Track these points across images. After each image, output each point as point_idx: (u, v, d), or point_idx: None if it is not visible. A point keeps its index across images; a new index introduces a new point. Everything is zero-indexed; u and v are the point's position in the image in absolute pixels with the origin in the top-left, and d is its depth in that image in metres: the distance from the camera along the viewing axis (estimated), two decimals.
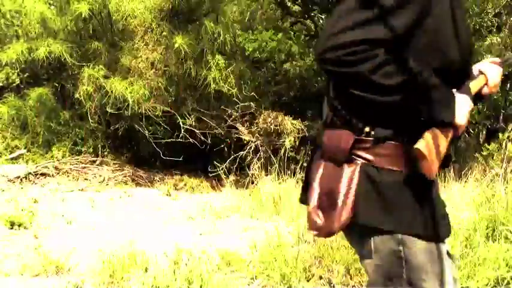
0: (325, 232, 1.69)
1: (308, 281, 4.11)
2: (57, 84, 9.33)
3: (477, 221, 4.75)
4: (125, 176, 8.43)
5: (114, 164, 8.63)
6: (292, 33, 8.63)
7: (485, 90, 1.80)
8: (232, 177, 8.27)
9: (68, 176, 8.11)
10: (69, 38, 8.88)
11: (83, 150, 8.90)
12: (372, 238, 1.65)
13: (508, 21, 7.23)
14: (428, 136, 1.58)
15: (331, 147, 1.65)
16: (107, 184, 8.07)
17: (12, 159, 8.50)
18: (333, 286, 4.06)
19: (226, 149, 9.31)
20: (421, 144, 1.56)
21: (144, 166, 9.23)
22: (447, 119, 1.60)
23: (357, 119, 1.60)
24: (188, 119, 8.96)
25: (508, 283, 3.76)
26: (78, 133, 9.11)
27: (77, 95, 8.50)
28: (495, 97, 7.60)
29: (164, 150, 9.06)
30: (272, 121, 8.75)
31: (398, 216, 1.61)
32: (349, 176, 1.62)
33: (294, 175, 7.49)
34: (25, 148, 8.86)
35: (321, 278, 4.15)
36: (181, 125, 8.85)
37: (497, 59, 1.98)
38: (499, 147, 6.83)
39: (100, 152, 8.87)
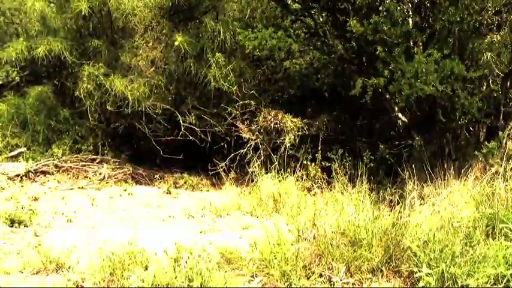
0: None
1: (308, 278, 4.12)
2: (57, 82, 9.32)
3: (477, 219, 4.76)
4: (125, 174, 8.43)
5: (114, 162, 8.62)
6: (292, 31, 8.60)
7: None
8: (232, 175, 8.27)
9: (68, 174, 8.10)
10: (69, 36, 8.86)
11: (83, 148, 8.89)
12: None
13: (508, 19, 7.21)
14: None
15: None
16: (107, 182, 8.07)
17: (12, 157, 8.50)
18: (333, 284, 4.06)
19: (226, 147, 9.30)
20: None
21: (144, 164, 9.22)
22: None
23: None
24: (188, 117, 8.95)
25: (508, 281, 3.76)
26: (78, 131, 9.10)
27: (76, 93, 8.50)
28: (495, 95, 7.59)
29: (164, 148, 9.05)
30: (272, 119, 8.74)
31: None
32: None
33: (293, 173, 7.49)
34: (25, 146, 8.86)
35: (321, 275, 4.16)
36: (181, 123, 8.85)
37: None
38: (499, 145, 6.82)
39: (100, 150, 8.86)
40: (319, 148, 8.36)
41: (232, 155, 8.74)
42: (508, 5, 7.14)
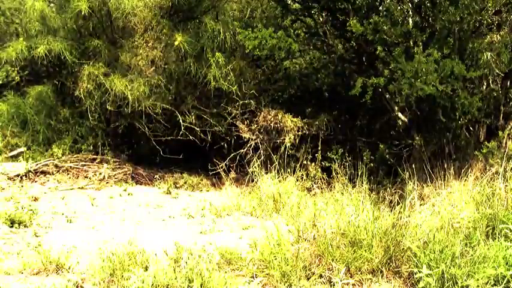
0: None
1: (308, 279, 4.12)
2: (57, 82, 9.32)
3: (477, 219, 4.76)
4: (125, 174, 8.43)
5: (114, 161, 8.62)
6: (292, 31, 8.61)
7: None
8: (232, 175, 8.27)
9: (68, 174, 8.10)
10: (69, 35, 8.85)
11: (83, 148, 8.89)
12: None
13: (508, 18, 7.22)
14: None
15: None
16: (107, 182, 8.07)
17: (12, 157, 8.50)
18: (333, 284, 4.06)
19: (226, 147, 9.30)
20: None
21: (144, 164, 9.22)
22: None
23: None
24: (188, 116, 8.96)
25: (508, 281, 3.76)
26: (78, 131, 9.10)
27: (76, 93, 8.50)
28: (495, 94, 7.59)
29: (164, 148, 9.05)
30: (272, 119, 8.74)
31: None
32: None
33: (293, 173, 7.49)
34: (25, 146, 8.86)
35: (321, 276, 4.16)
36: (181, 123, 8.85)
37: None
38: (499, 145, 6.82)
39: (100, 150, 8.86)
40: (319, 148, 8.37)
41: (232, 155, 8.75)
42: (508, 5, 7.14)
